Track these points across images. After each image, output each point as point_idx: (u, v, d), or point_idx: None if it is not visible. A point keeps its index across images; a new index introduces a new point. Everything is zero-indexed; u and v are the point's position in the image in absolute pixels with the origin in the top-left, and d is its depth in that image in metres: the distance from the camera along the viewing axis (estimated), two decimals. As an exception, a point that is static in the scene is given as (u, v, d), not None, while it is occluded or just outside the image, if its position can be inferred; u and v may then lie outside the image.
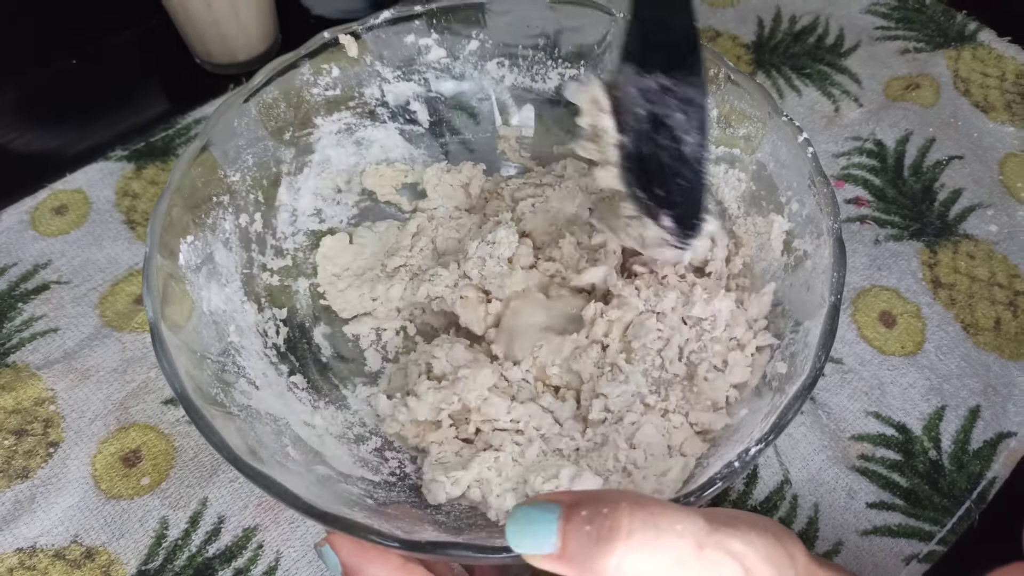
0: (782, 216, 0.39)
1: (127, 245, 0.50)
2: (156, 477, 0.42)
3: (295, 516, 0.41)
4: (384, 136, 0.47)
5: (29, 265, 0.50)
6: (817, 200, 0.36)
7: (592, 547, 0.25)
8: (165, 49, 0.61)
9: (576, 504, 0.26)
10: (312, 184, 0.46)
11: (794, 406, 0.31)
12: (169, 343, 0.32)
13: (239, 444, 0.31)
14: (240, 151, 0.41)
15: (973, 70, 0.57)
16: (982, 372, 0.44)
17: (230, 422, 0.32)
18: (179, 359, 0.32)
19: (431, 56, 0.46)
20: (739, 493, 0.41)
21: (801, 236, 0.37)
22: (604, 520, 0.25)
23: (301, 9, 0.64)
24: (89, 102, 0.59)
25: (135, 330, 0.47)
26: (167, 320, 0.33)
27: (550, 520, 0.26)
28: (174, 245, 0.36)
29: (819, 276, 0.34)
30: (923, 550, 0.39)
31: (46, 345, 0.46)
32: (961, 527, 0.40)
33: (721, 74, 0.40)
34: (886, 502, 0.41)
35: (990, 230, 0.50)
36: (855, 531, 0.40)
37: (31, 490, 0.41)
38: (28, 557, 0.40)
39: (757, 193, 0.40)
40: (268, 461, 0.32)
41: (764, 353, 0.37)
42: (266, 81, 0.41)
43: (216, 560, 0.40)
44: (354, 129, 0.46)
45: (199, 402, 0.31)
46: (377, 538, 0.29)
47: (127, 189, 0.53)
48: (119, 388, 0.45)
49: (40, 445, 0.43)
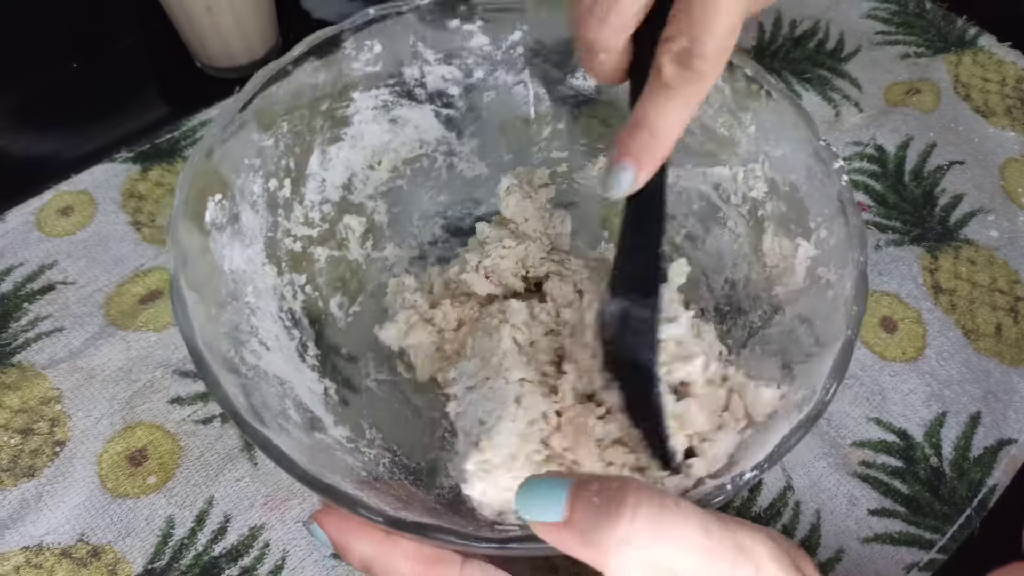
0: (808, 242, 0.38)
1: (133, 246, 0.51)
2: (162, 476, 0.42)
3: (301, 515, 0.41)
4: (419, 117, 0.47)
5: (35, 265, 0.50)
6: (848, 230, 0.35)
7: (598, 518, 0.25)
8: (166, 53, 0.61)
9: (588, 480, 0.26)
10: (344, 156, 0.46)
11: (795, 435, 0.30)
12: (187, 296, 0.33)
13: (243, 403, 0.32)
14: (276, 117, 0.41)
15: (973, 75, 0.58)
16: (983, 378, 0.45)
17: (236, 380, 0.33)
18: (195, 313, 0.33)
19: (473, 43, 0.46)
20: (743, 500, 0.42)
21: (826, 264, 0.37)
22: (613, 494, 0.25)
23: (301, 12, 0.64)
24: (92, 106, 0.59)
25: (140, 329, 0.47)
26: (187, 274, 0.34)
27: (560, 489, 0.26)
28: (202, 201, 0.37)
29: (839, 308, 0.34)
30: (924, 558, 0.40)
31: (52, 345, 0.46)
32: (962, 535, 0.40)
33: (762, 92, 0.40)
34: (887, 509, 0.41)
35: (991, 236, 0.50)
36: (856, 538, 0.40)
37: (37, 489, 0.42)
38: (34, 555, 0.40)
39: (787, 215, 0.40)
40: (270, 424, 0.32)
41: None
42: (308, 51, 0.41)
43: (222, 559, 0.40)
44: (391, 107, 0.46)
45: (208, 356, 0.32)
46: (364, 511, 0.28)
47: (133, 190, 0.53)
48: (125, 387, 0.45)
49: (46, 444, 0.43)
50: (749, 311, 0.41)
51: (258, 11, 0.57)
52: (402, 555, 0.30)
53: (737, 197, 0.43)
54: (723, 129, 0.42)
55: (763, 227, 0.41)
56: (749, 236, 0.42)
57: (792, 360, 0.36)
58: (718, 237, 0.44)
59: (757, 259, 0.41)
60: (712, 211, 0.45)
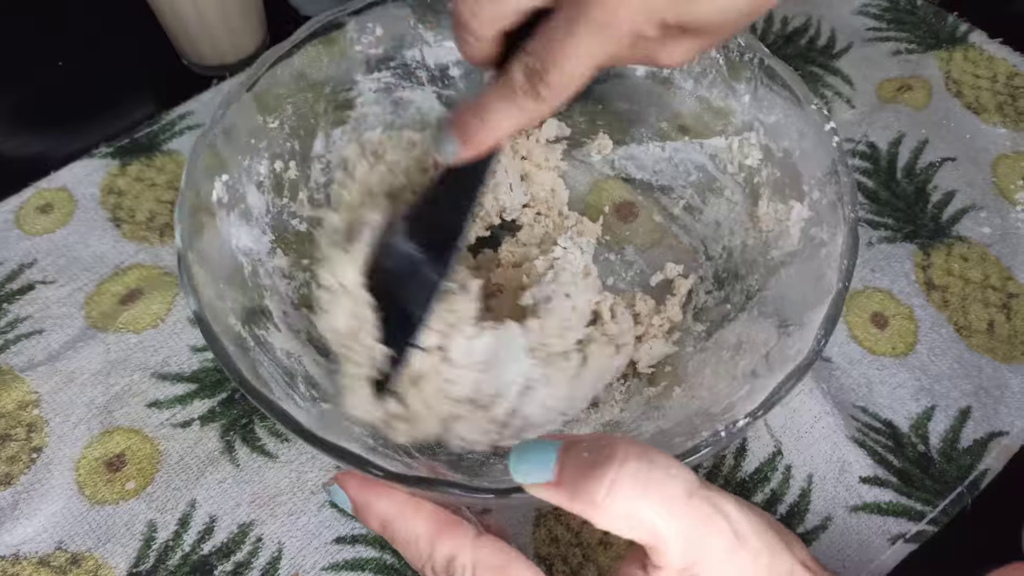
0: (802, 204, 0.39)
1: (113, 243, 0.50)
2: (141, 481, 0.41)
3: (295, 507, 0.40)
4: (421, 98, 0.48)
5: (14, 265, 0.49)
6: (838, 189, 0.36)
7: (586, 472, 0.26)
8: (153, 52, 0.60)
9: (577, 439, 0.27)
10: (348, 139, 0.46)
11: (787, 384, 0.31)
12: (194, 271, 0.34)
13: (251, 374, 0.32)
14: (280, 99, 0.42)
15: (965, 71, 0.57)
16: (974, 374, 0.44)
17: (245, 355, 0.33)
18: (203, 288, 0.34)
19: None
20: (730, 467, 0.41)
21: (819, 225, 0.37)
22: (601, 449, 0.26)
23: (289, 10, 0.63)
24: (74, 104, 0.58)
25: (119, 330, 0.46)
26: (194, 250, 0.35)
27: (550, 451, 0.27)
28: (209, 180, 0.38)
29: (831, 264, 0.34)
30: (911, 529, 0.40)
31: (31, 347, 0.46)
32: (953, 510, 0.40)
33: (755, 59, 0.40)
34: (880, 478, 0.41)
35: (983, 232, 0.49)
36: (845, 506, 0.40)
37: (13, 497, 0.41)
38: (11, 565, 0.39)
39: (781, 180, 0.40)
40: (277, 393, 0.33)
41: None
42: (310, 34, 0.42)
43: (213, 556, 0.39)
44: (393, 89, 0.47)
45: (216, 327, 0.33)
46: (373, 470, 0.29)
47: (112, 186, 0.52)
48: (103, 391, 0.44)
49: (23, 451, 0.42)
50: (746, 276, 0.42)
51: (245, 9, 0.57)
52: (420, 517, 0.30)
53: (733, 166, 0.44)
54: (718, 100, 0.43)
55: (758, 193, 0.42)
56: (745, 203, 0.43)
57: (788, 320, 0.36)
58: (715, 207, 0.45)
59: (753, 225, 0.42)
60: (709, 181, 0.46)
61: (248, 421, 0.43)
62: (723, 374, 0.38)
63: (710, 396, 0.37)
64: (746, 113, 0.42)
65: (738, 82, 0.42)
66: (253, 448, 0.42)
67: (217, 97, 0.56)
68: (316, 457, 0.42)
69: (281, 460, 0.42)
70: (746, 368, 0.36)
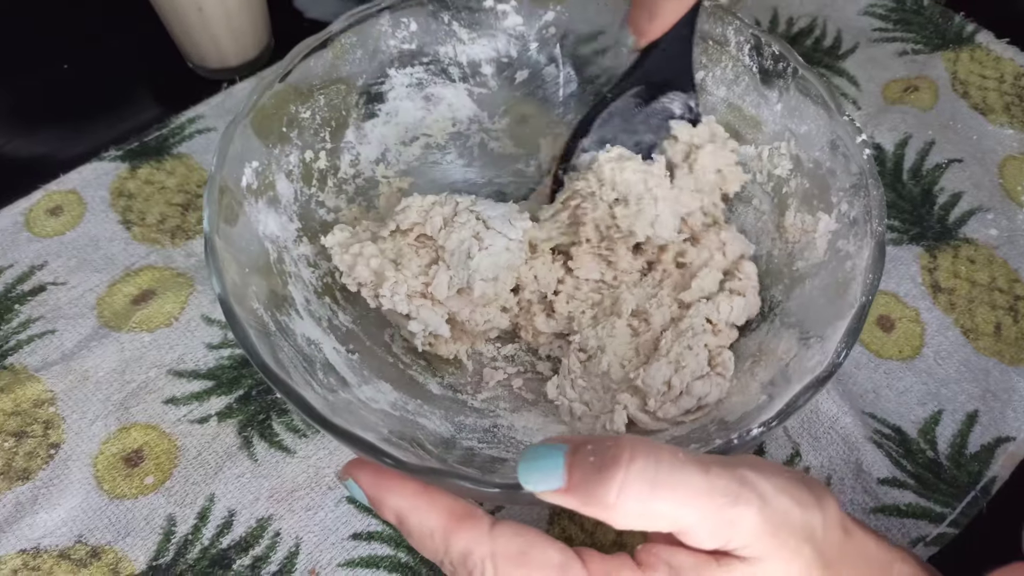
0: (830, 216, 0.39)
1: (123, 245, 0.50)
2: (160, 476, 0.42)
3: (313, 503, 0.41)
4: (453, 95, 0.48)
5: (25, 267, 0.49)
6: (866, 202, 0.36)
7: (595, 475, 0.26)
8: (158, 54, 0.60)
9: (583, 443, 0.27)
10: (379, 132, 0.47)
11: (804, 396, 0.31)
12: (220, 254, 0.34)
13: (271, 359, 0.32)
14: (313, 90, 0.42)
15: (971, 72, 0.58)
16: (981, 377, 0.45)
17: (266, 339, 0.34)
18: (228, 272, 0.34)
19: (507, 22, 0.47)
20: None
21: (846, 237, 0.37)
22: (607, 451, 0.26)
23: (294, 12, 0.63)
24: (83, 107, 0.58)
25: (132, 330, 0.46)
26: (221, 234, 0.35)
27: (557, 457, 0.27)
28: (239, 166, 0.38)
29: (856, 277, 0.35)
30: (932, 532, 0.40)
31: (44, 347, 0.46)
32: (971, 512, 0.40)
33: (789, 68, 0.40)
34: (898, 479, 0.41)
35: (990, 234, 0.50)
36: (864, 508, 0.40)
37: (32, 491, 0.41)
38: (32, 558, 0.39)
39: (810, 191, 0.40)
40: (296, 379, 0.33)
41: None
42: (345, 27, 0.42)
43: (232, 550, 0.40)
44: (425, 84, 0.47)
45: (238, 309, 0.33)
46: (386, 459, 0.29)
47: (122, 189, 0.52)
48: (119, 389, 0.44)
49: (40, 447, 0.43)
50: (771, 286, 0.42)
51: (250, 11, 0.56)
52: (435, 511, 0.30)
53: (762, 175, 0.44)
54: (750, 108, 0.43)
55: (786, 204, 0.42)
56: (772, 213, 0.43)
57: (809, 331, 0.36)
58: (742, 215, 0.45)
59: (780, 235, 0.42)
60: None
61: (266, 417, 0.44)
62: (741, 383, 0.38)
63: (726, 404, 0.37)
64: (777, 123, 0.42)
65: (771, 90, 0.42)
66: (271, 443, 0.43)
67: (227, 101, 0.56)
68: (333, 452, 0.42)
69: (299, 455, 0.42)
70: (764, 378, 0.36)
